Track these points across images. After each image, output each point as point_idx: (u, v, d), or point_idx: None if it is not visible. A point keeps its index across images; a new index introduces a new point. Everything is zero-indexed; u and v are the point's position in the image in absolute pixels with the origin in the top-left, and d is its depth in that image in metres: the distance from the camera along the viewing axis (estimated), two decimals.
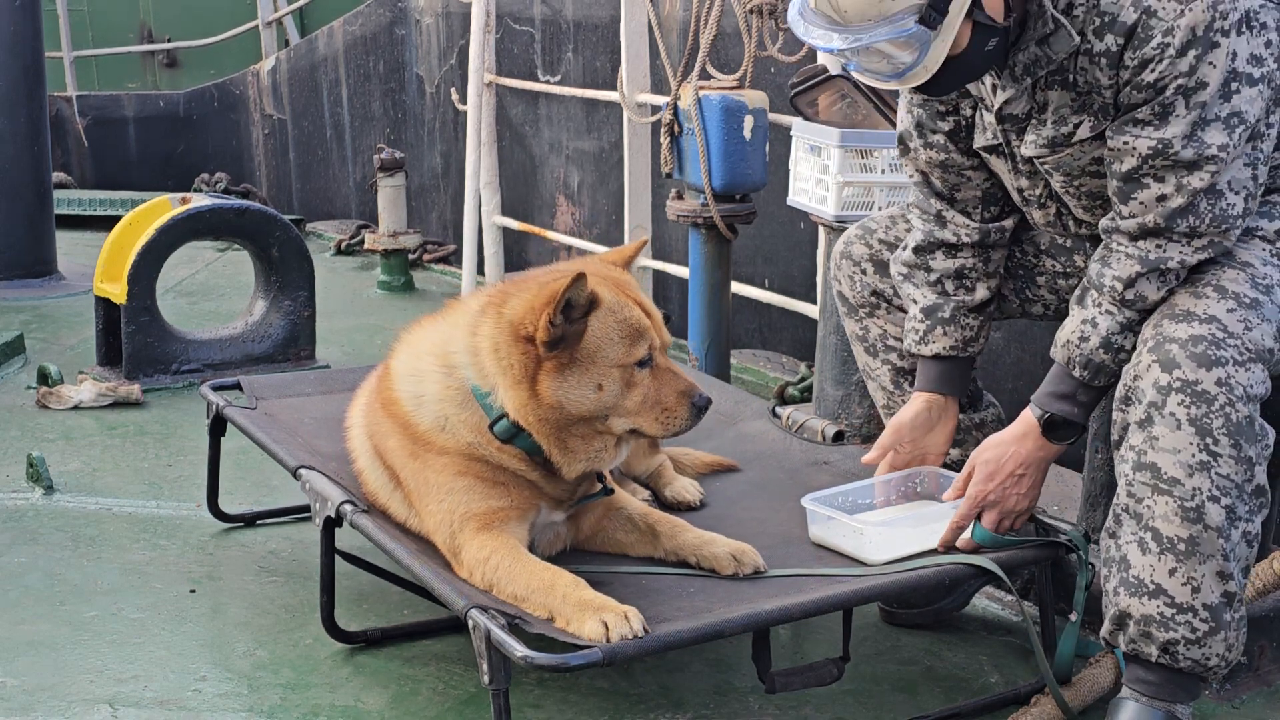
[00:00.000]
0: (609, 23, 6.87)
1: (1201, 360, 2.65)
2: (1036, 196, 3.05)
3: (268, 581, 3.62)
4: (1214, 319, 2.69)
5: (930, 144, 3.13)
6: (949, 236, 3.15)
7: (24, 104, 7.06)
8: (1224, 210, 2.71)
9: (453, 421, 2.89)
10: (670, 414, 2.79)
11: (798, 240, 5.92)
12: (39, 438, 4.74)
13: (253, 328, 5.56)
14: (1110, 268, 2.80)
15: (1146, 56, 2.68)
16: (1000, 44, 2.78)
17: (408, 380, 2.97)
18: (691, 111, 4.74)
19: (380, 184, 7.25)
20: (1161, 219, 2.73)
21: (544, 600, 2.64)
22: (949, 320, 3.16)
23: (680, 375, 2.83)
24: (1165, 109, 2.69)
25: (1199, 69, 2.65)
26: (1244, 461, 2.64)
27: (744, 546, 2.91)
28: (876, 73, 2.78)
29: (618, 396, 2.77)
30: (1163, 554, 2.68)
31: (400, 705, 3.01)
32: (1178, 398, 2.65)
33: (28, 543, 3.86)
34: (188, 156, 11.09)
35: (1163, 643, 2.71)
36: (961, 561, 2.85)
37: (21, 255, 7.05)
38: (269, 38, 10.82)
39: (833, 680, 2.79)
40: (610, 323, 2.77)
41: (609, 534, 3.05)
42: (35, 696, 3.02)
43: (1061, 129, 2.87)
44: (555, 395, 2.75)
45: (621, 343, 2.77)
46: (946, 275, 3.17)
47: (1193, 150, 2.68)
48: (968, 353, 3.18)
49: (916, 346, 3.20)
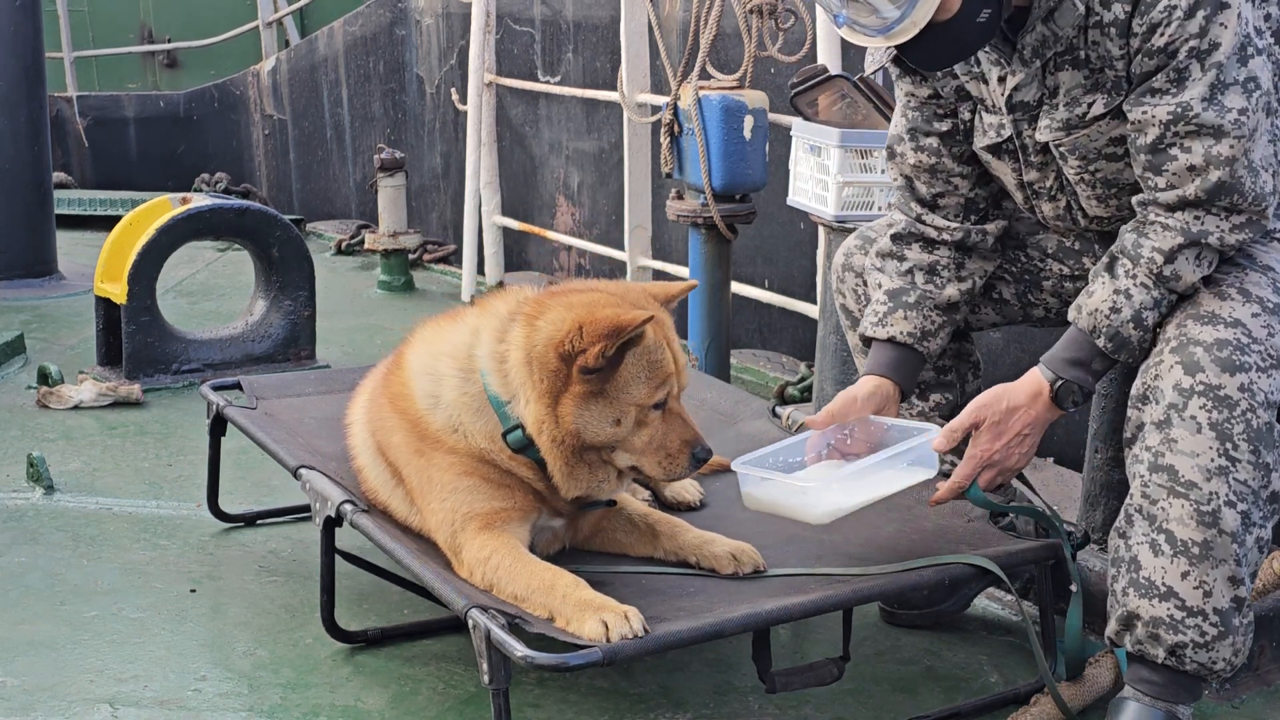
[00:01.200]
0: (609, 23, 6.87)
1: (1226, 365, 2.64)
2: (1047, 189, 3.01)
3: (268, 581, 3.62)
4: (1239, 323, 2.68)
5: (922, 147, 3.11)
6: (929, 233, 3.13)
7: (24, 104, 7.07)
8: (1261, 187, 2.69)
9: (466, 426, 2.87)
10: (672, 460, 2.79)
11: (798, 240, 5.92)
12: (39, 438, 4.74)
13: (253, 328, 5.56)
14: (1149, 239, 2.74)
15: (1155, 21, 2.66)
16: (993, 16, 2.72)
17: (423, 379, 2.95)
18: (691, 111, 4.74)
19: (380, 184, 7.25)
20: (1203, 193, 2.68)
21: (544, 600, 2.64)
22: (913, 306, 3.12)
23: (688, 424, 2.82)
24: (1181, 74, 2.67)
25: (1210, 29, 2.63)
26: (1262, 468, 2.64)
27: (744, 546, 2.91)
28: (864, 27, 2.72)
29: (630, 433, 2.77)
30: (1175, 557, 2.67)
31: (400, 705, 3.01)
32: (1199, 401, 2.64)
33: (28, 543, 3.86)
34: (188, 157, 11.09)
35: (1171, 645, 2.71)
36: (961, 561, 2.85)
37: (22, 255, 7.05)
38: (269, 38, 10.83)
39: (833, 680, 2.79)
40: (644, 362, 2.76)
41: (609, 534, 3.05)
42: (35, 696, 3.02)
43: (1075, 110, 2.84)
44: (574, 422, 2.74)
45: (648, 384, 2.76)
46: (919, 267, 3.14)
47: (1214, 113, 2.64)
48: (924, 347, 3.11)
49: (873, 329, 3.13)
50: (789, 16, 4.67)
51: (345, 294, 7.15)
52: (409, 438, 2.94)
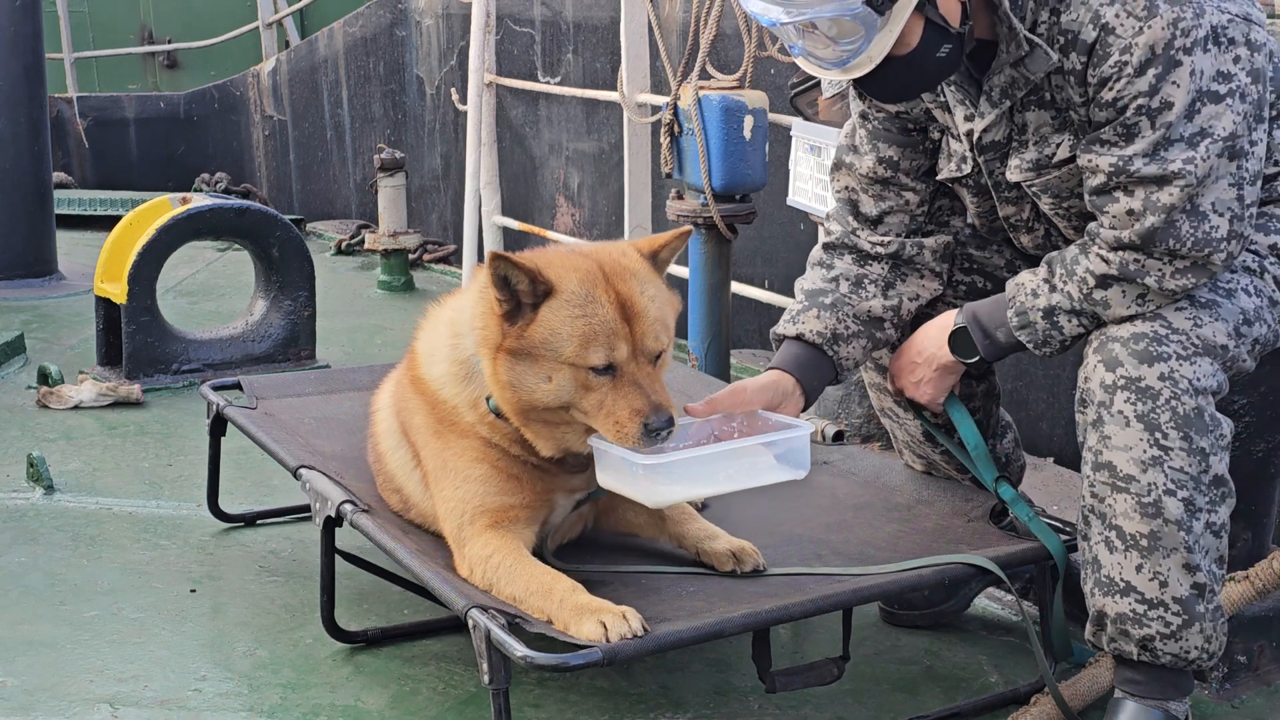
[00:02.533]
0: (609, 23, 6.87)
1: (1143, 356, 2.65)
2: (1024, 221, 3.00)
3: (268, 581, 3.62)
4: (1159, 317, 2.69)
5: (882, 159, 3.04)
6: (863, 246, 3.07)
7: (24, 105, 7.07)
8: (1206, 233, 2.63)
9: (457, 396, 2.85)
10: (621, 428, 2.63)
11: (798, 240, 5.92)
12: (39, 438, 4.74)
13: (253, 328, 5.56)
14: (1087, 259, 2.73)
15: (1105, 75, 2.63)
16: (954, 53, 2.70)
17: (425, 355, 2.95)
18: (691, 112, 4.74)
19: (380, 184, 7.26)
20: (1137, 237, 2.66)
21: (541, 604, 2.63)
22: (828, 307, 3.03)
23: (642, 391, 2.64)
24: (1129, 129, 2.63)
25: (1161, 88, 2.59)
26: (1197, 453, 2.64)
27: (744, 545, 2.90)
28: (820, 60, 2.69)
29: (572, 395, 2.66)
30: (1128, 551, 2.68)
31: (400, 705, 3.01)
32: (1124, 395, 2.65)
33: (28, 543, 3.86)
34: (188, 157, 11.09)
35: (1139, 639, 2.72)
36: (961, 561, 2.85)
37: (22, 255, 7.06)
38: (269, 39, 10.83)
39: (833, 680, 2.79)
40: (563, 316, 2.65)
41: (621, 514, 3.05)
42: (35, 696, 3.02)
43: (1044, 150, 2.82)
44: (507, 375, 2.69)
45: (571, 340, 2.63)
46: (845, 276, 3.06)
47: (1155, 167, 2.61)
48: (833, 351, 3.00)
49: (783, 326, 3.05)
50: None
51: (345, 294, 7.16)
52: (428, 419, 2.92)
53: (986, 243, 3.15)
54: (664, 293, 2.78)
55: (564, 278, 2.68)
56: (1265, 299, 2.78)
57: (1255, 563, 3.04)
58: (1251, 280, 2.78)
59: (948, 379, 3.00)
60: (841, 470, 3.45)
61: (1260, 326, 2.76)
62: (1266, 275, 2.80)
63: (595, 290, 2.68)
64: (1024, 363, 4.71)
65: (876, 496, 3.31)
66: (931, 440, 3.21)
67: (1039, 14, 2.69)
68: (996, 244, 3.15)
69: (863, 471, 3.45)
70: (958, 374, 2.99)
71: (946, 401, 3.03)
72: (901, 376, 3.05)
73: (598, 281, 2.69)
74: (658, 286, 2.77)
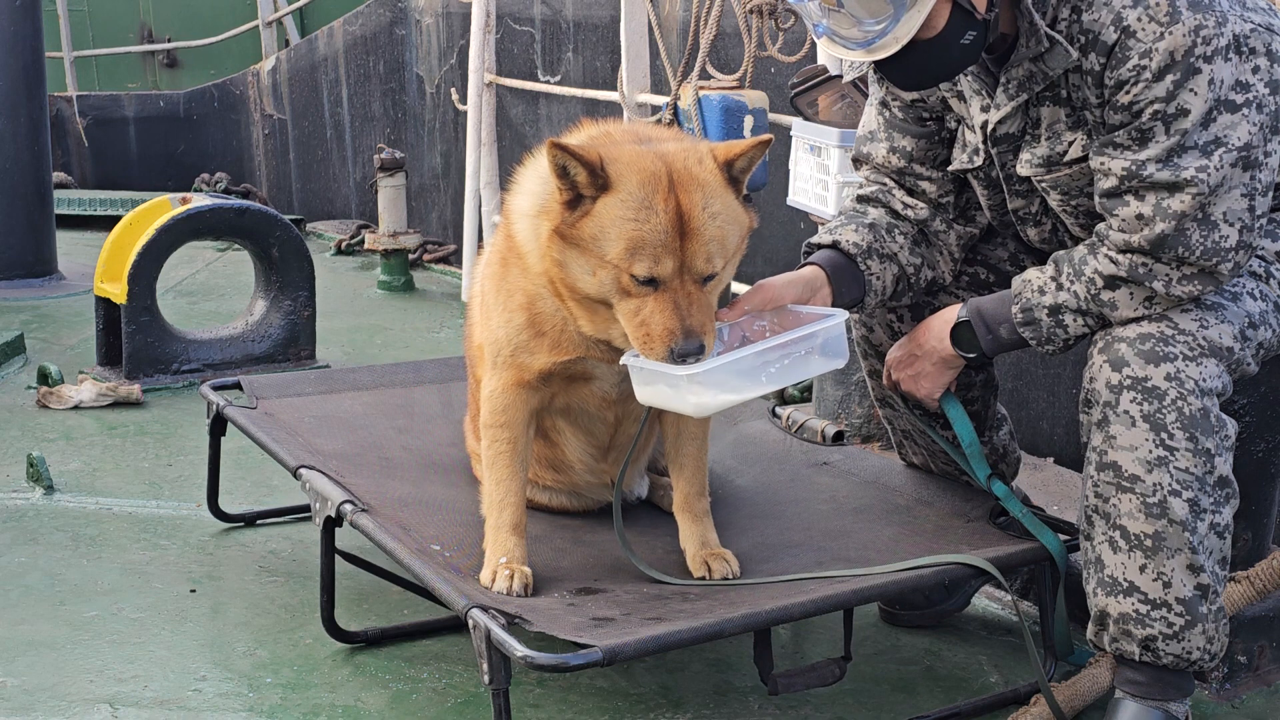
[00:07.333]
0: (609, 23, 6.87)
1: (1149, 356, 2.65)
2: (1032, 214, 3.00)
3: (268, 581, 3.62)
4: (1165, 318, 2.70)
5: (895, 149, 3.07)
6: (896, 205, 3.07)
7: (24, 104, 7.07)
8: (1216, 242, 2.64)
9: (529, 235, 2.76)
10: (649, 344, 2.57)
11: (798, 240, 5.91)
12: (39, 438, 4.74)
13: (253, 328, 5.56)
14: (1096, 259, 2.74)
15: (1122, 78, 2.63)
16: (977, 40, 2.70)
17: (516, 184, 2.85)
18: (691, 111, 4.74)
19: (380, 184, 7.26)
20: (1146, 243, 2.66)
21: (487, 507, 2.90)
22: (865, 226, 3.01)
23: (679, 312, 2.55)
24: (1144, 134, 2.64)
25: (1179, 95, 2.59)
26: (1202, 454, 2.64)
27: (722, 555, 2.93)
28: (845, 39, 2.68)
29: (611, 294, 2.59)
30: (1131, 551, 2.69)
31: (400, 705, 3.01)
32: (1130, 395, 2.65)
33: (28, 543, 3.86)
34: (188, 156, 11.08)
35: (1142, 639, 2.72)
36: (960, 562, 2.85)
37: (21, 255, 7.06)
38: (269, 38, 10.82)
39: (834, 680, 2.79)
40: (614, 216, 2.56)
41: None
42: (35, 696, 3.02)
43: (1056, 147, 2.83)
44: (557, 255, 2.63)
45: (618, 243, 2.55)
46: (878, 223, 3.04)
47: (1168, 173, 2.62)
48: (865, 266, 2.97)
49: (819, 237, 3.01)
50: (789, 16, 4.67)
51: (345, 294, 7.16)
52: (504, 251, 2.87)
53: (992, 235, 3.17)
54: (731, 209, 2.65)
55: (624, 176, 2.58)
56: (1271, 304, 2.79)
57: (1256, 563, 3.04)
58: (1258, 285, 2.79)
59: (947, 373, 3.00)
60: (841, 471, 3.45)
61: (1265, 330, 2.77)
62: (1272, 280, 2.81)
63: (654, 196, 2.56)
64: (1024, 362, 4.70)
65: (877, 498, 3.31)
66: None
67: (1060, 10, 2.70)
68: (1002, 238, 3.16)
69: (863, 472, 3.45)
70: (957, 369, 3.00)
71: (942, 398, 3.03)
72: (900, 369, 3.06)
73: (659, 187, 2.57)
74: (725, 201, 2.64)
